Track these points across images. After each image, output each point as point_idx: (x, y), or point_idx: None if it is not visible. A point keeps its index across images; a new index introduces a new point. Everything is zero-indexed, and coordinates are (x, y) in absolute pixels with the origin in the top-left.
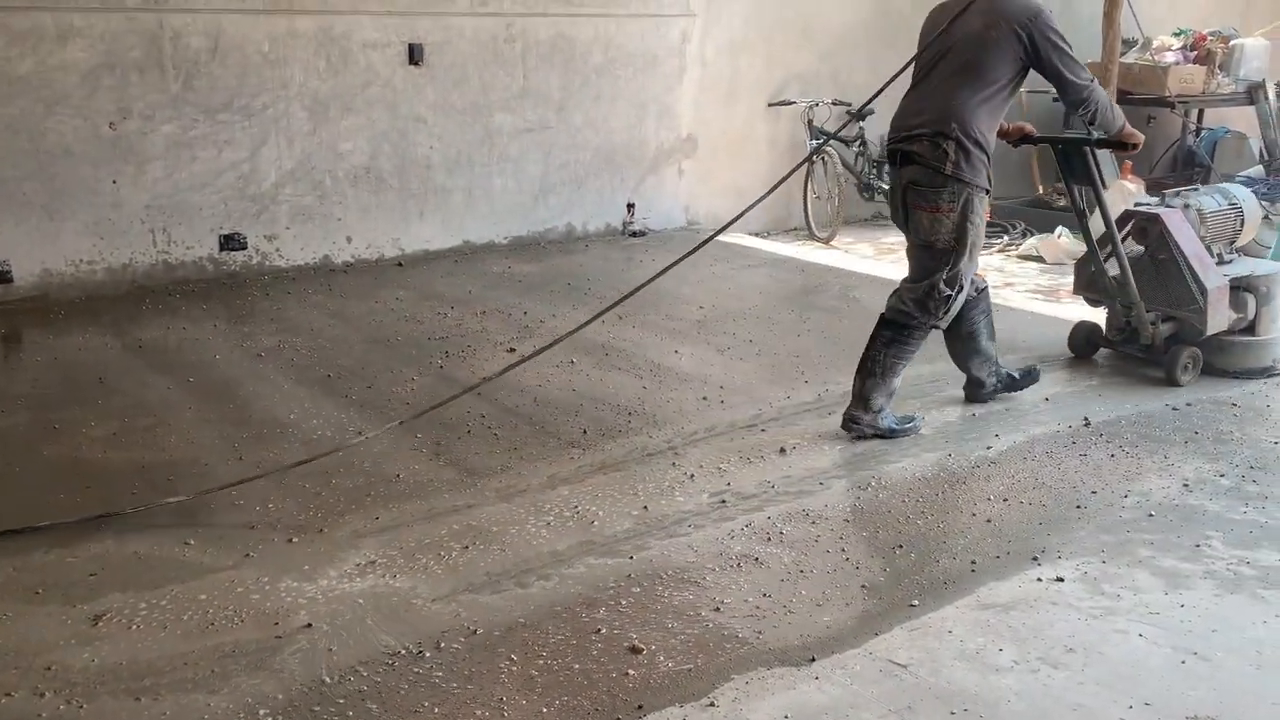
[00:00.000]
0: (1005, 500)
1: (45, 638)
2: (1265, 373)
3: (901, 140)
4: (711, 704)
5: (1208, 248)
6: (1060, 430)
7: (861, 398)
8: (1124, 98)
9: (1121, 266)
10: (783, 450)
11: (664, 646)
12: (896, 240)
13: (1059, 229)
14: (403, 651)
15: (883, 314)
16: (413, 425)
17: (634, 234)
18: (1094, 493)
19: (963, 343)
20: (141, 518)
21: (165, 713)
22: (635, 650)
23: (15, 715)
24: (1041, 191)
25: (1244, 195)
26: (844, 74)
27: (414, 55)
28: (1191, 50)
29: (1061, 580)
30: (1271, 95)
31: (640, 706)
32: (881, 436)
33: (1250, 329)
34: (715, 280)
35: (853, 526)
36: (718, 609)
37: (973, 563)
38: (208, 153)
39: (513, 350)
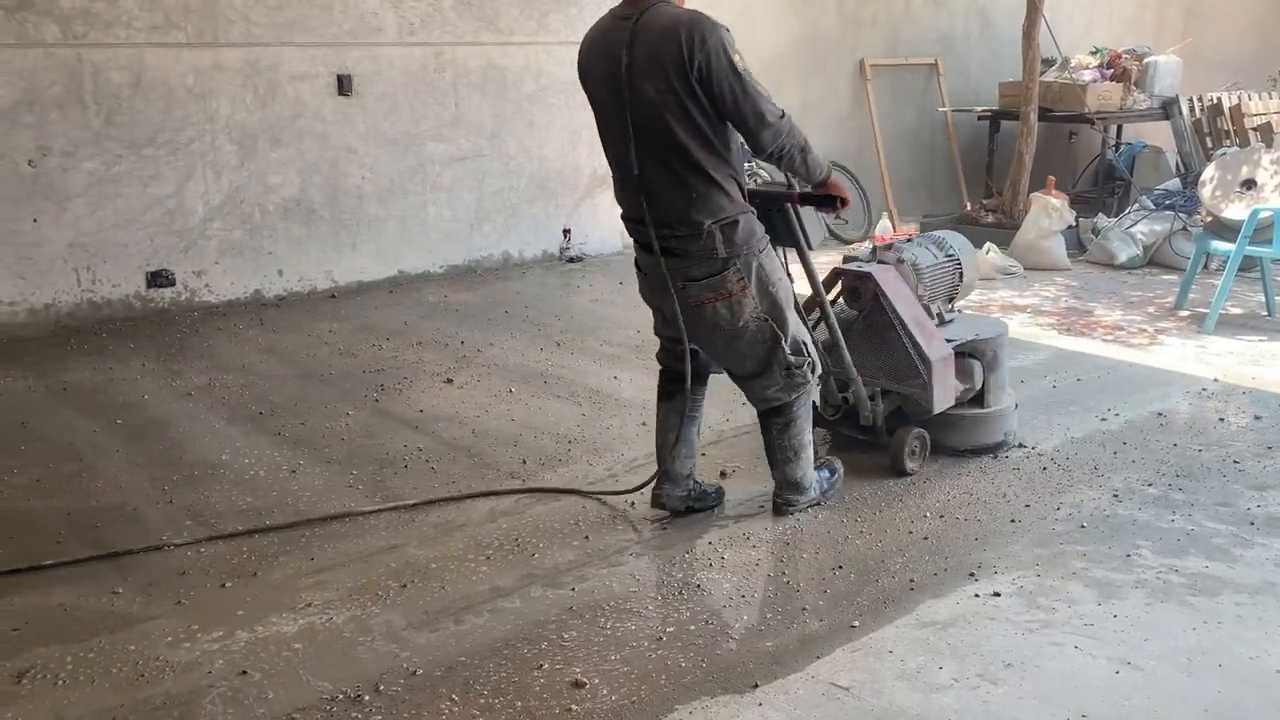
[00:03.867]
0: (941, 517)
1: None
2: (997, 448)
3: (649, 233)
4: None
5: (926, 307)
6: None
7: (789, 482)
8: (1045, 115)
9: (833, 335)
10: (723, 474)
11: (607, 679)
12: (827, 260)
13: (987, 245)
14: (341, 696)
15: (758, 409)
16: (348, 462)
17: (571, 259)
18: (1027, 506)
19: (676, 420)
20: (67, 567)
21: None
22: (578, 685)
23: None
24: (970, 208)
25: (960, 244)
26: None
27: (343, 86)
28: (1108, 68)
29: (998, 595)
30: (1185, 110)
31: None
32: (816, 505)
33: (979, 400)
34: None
35: (792, 549)
36: (660, 639)
37: (911, 581)
38: (132, 189)
39: (450, 381)
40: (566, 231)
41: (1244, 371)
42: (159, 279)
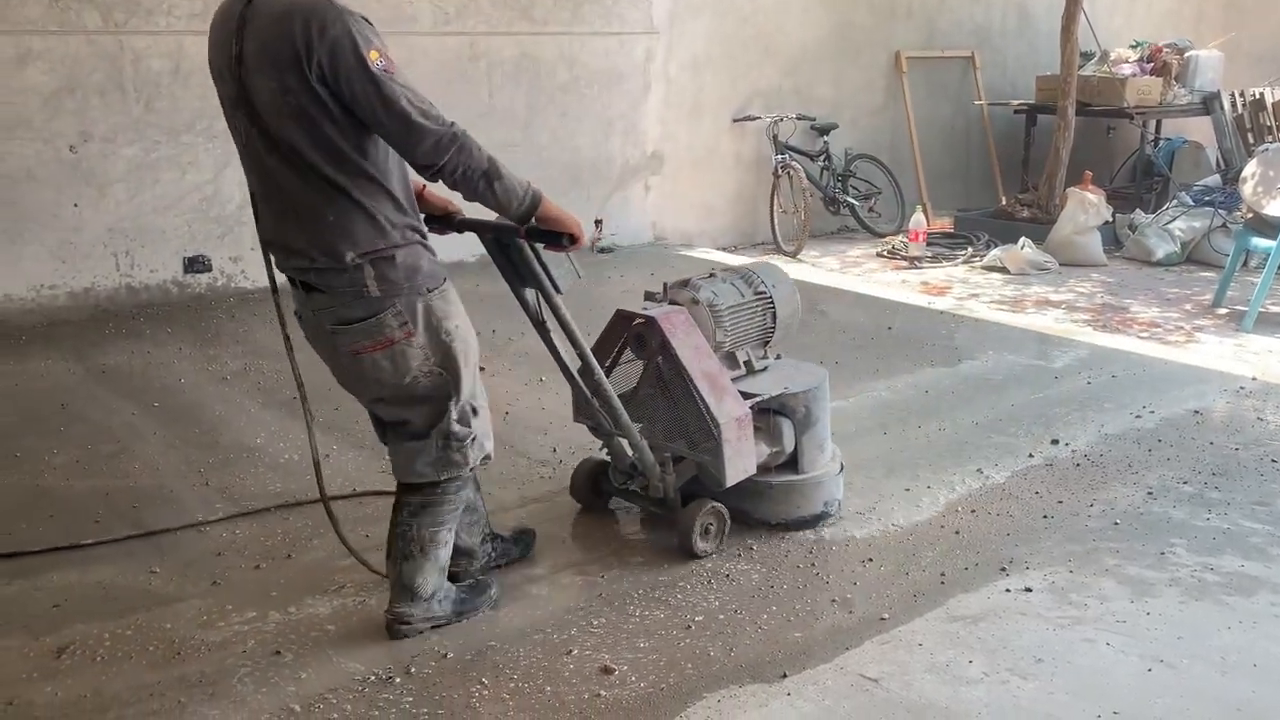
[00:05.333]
0: (973, 511)
1: (7, 671)
2: (817, 520)
3: (290, 264)
4: None
5: (730, 355)
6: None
7: (405, 588)
8: (1083, 109)
9: (601, 393)
10: None
11: (636, 666)
12: (862, 253)
13: (1022, 240)
14: (372, 677)
15: (398, 479)
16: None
17: (602, 250)
18: (1060, 502)
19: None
20: (106, 546)
21: None
22: (607, 670)
23: None
24: (1005, 203)
25: (775, 279)
26: (806, 89)
27: None
28: (1148, 62)
29: (1029, 590)
30: (1226, 105)
31: None
32: (445, 624)
33: (792, 465)
34: None
35: (821, 541)
36: (689, 627)
37: (942, 575)
38: (171, 175)
39: (482, 369)
40: (598, 222)
41: None
42: (196, 264)
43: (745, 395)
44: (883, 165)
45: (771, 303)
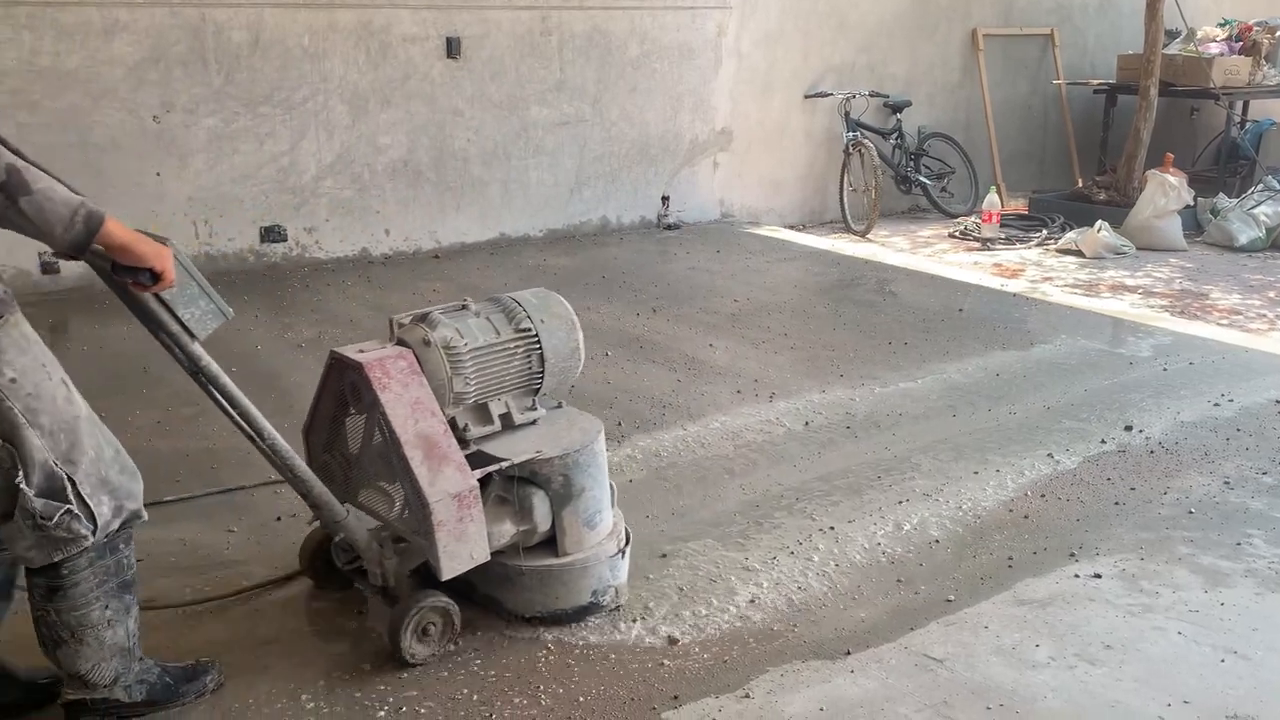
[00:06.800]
0: (1042, 496)
1: None
2: (582, 614)
3: None
4: (747, 695)
5: (481, 408)
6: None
7: (73, 678)
8: (1166, 89)
9: (279, 456)
10: (819, 445)
11: (699, 639)
12: (934, 233)
13: (1099, 223)
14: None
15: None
16: None
17: (669, 227)
18: (1132, 489)
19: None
20: (186, 504)
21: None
22: (671, 641)
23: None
24: (1082, 185)
25: (550, 312)
26: (881, 66)
27: (451, 49)
28: (1237, 41)
29: (1099, 577)
30: None
31: (676, 697)
32: (131, 716)
33: (551, 545)
34: (750, 273)
35: (888, 520)
36: (753, 601)
37: (1010, 558)
38: (249, 145)
39: None
40: (665, 198)
41: None
42: (272, 234)
43: (485, 460)
44: (956, 144)
45: (537, 342)
